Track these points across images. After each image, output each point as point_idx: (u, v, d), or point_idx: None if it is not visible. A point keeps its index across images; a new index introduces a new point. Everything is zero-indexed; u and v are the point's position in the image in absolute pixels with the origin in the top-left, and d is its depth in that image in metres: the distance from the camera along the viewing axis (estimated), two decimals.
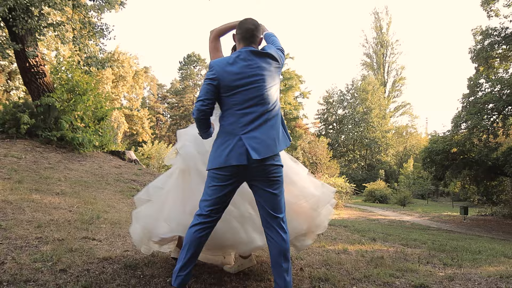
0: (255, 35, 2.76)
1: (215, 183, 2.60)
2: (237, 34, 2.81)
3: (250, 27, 2.77)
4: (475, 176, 19.60)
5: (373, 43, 52.75)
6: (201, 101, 2.58)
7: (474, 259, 4.93)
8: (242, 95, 2.62)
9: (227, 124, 2.62)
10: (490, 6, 18.10)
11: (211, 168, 2.61)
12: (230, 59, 2.66)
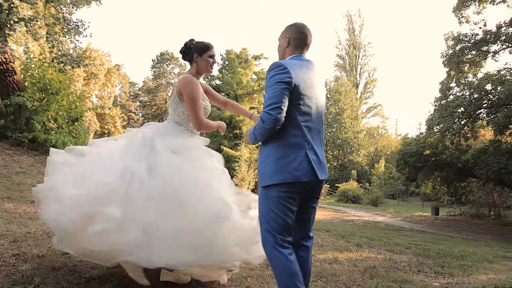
0: (309, 44, 2.63)
1: (285, 202, 2.35)
2: (294, 38, 2.58)
3: (308, 34, 2.62)
4: (446, 178, 20.11)
5: (346, 45, 53.47)
6: (278, 108, 2.27)
7: (461, 265, 4.97)
8: (307, 106, 2.43)
9: (290, 135, 2.37)
10: (461, 12, 18.61)
11: (275, 183, 2.33)
12: (299, 63, 2.47)
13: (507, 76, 16.53)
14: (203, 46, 3.05)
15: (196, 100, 2.91)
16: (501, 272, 4.66)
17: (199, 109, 2.90)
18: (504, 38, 17.60)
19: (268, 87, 2.34)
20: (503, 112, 15.78)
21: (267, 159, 2.41)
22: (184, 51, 3.12)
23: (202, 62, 3.04)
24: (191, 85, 2.92)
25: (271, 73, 2.35)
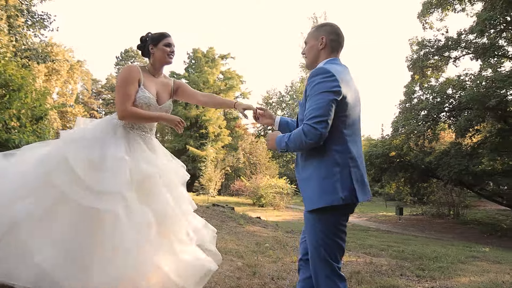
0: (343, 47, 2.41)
1: (337, 225, 2.15)
2: (331, 40, 2.32)
3: (343, 36, 2.39)
4: (410, 178, 20.77)
5: None
6: (325, 122, 2.03)
7: (439, 268, 5.11)
8: (352, 118, 2.21)
9: (334, 151, 2.12)
10: (425, 19, 19.27)
11: (325, 206, 2.09)
12: (341, 69, 2.23)
13: (467, 82, 17.23)
14: (158, 35, 2.82)
15: (121, 86, 2.63)
16: (477, 273, 4.83)
17: (123, 96, 2.60)
18: (464, 45, 18.36)
19: (313, 96, 2.09)
20: (464, 116, 16.48)
21: (311, 180, 2.15)
22: (140, 46, 2.91)
23: (158, 52, 2.78)
24: (122, 71, 2.70)
25: (315, 80, 2.11)
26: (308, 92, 2.14)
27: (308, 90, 2.15)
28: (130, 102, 2.62)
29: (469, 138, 18.10)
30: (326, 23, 2.42)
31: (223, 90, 38.71)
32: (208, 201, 22.28)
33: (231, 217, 8.40)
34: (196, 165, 34.09)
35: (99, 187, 2.36)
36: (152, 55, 2.80)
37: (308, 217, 2.19)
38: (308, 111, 2.08)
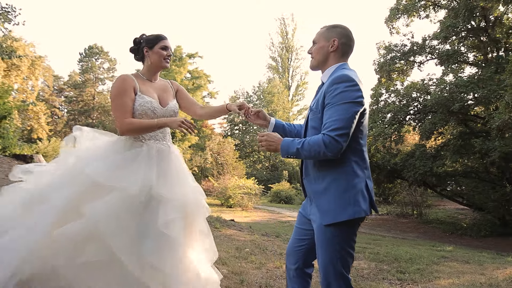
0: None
1: (354, 238, 2.14)
2: (343, 43, 2.24)
3: (354, 41, 2.32)
4: (376, 179, 21.24)
5: (279, 47, 54.52)
6: (347, 136, 1.98)
7: (418, 270, 5.24)
8: (365, 126, 2.16)
9: (352, 162, 2.08)
10: (392, 24, 19.79)
11: (352, 219, 2.04)
12: (357, 75, 2.14)
13: (431, 86, 17.84)
14: (153, 37, 2.66)
15: (115, 99, 2.46)
16: (453, 275, 4.99)
17: (119, 108, 2.43)
18: (429, 50, 19.01)
19: (335, 105, 2.01)
20: (429, 119, 17.06)
21: (329, 192, 2.08)
22: (134, 48, 2.72)
23: (154, 56, 2.62)
24: (115, 83, 2.53)
25: (339, 88, 2.02)
26: (330, 100, 2.05)
27: (329, 97, 2.06)
28: (127, 115, 2.45)
29: (433, 141, 18.76)
30: (338, 24, 2.31)
31: (191, 89, 38.35)
32: None
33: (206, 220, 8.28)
34: None
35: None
36: (147, 58, 2.65)
37: (324, 230, 2.09)
38: (329, 121, 2.00)
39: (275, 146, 2.15)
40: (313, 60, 2.33)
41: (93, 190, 2.25)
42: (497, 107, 14.22)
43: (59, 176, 2.42)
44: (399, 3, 19.08)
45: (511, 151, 12.94)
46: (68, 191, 2.26)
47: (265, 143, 2.17)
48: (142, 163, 2.41)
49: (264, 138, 2.18)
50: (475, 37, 17.96)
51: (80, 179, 2.30)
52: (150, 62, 2.65)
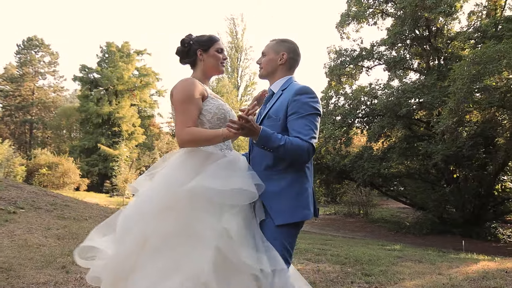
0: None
1: (295, 240, 2.25)
2: (291, 58, 2.40)
3: (301, 56, 2.48)
4: (326, 180, 21.80)
5: (228, 47, 54.37)
6: (315, 143, 2.16)
7: (381, 272, 5.40)
8: None
9: (306, 168, 2.25)
10: (343, 29, 20.38)
11: (296, 222, 2.17)
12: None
13: (378, 90, 18.61)
14: (207, 38, 2.40)
15: (184, 101, 2.17)
16: (414, 276, 5.20)
17: (186, 112, 2.15)
18: (377, 56, 19.80)
19: (305, 115, 2.16)
20: (377, 122, 17.76)
21: (283, 194, 2.15)
22: (183, 50, 2.42)
23: (210, 60, 2.37)
24: (184, 84, 2.22)
25: (302, 98, 2.18)
26: (296, 109, 2.18)
27: (294, 106, 2.18)
28: (190, 123, 2.16)
29: (381, 143, 19.54)
30: (287, 39, 2.45)
31: (139, 87, 37.31)
32: (123, 202, 21.33)
33: None
34: (108, 164, 32.43)
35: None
36: (201, 62, 2.39)
37: (273, 229, 2.13)
38: (306, 130, 2.13)
39: (255, 132, 2.03)
40: (262, 70, 2.46)
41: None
42: (439, 113, 15.06)
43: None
44: (350, 9, 19.69)
45: (452, 154, 13.75)
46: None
47: (246, 131, 2.00)
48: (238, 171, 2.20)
49: (249, 125, 1.97)
50: (419, 45, 18.91)
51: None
52: (204, 67, 2.41)
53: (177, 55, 2.47)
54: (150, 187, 2.15)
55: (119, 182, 24.59)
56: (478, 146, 14.53)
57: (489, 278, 4.43)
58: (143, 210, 2.05)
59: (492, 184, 16.20)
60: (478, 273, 4.88)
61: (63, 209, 8.60)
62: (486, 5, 18.56)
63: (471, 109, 12.82)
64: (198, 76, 2.39)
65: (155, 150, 34.13)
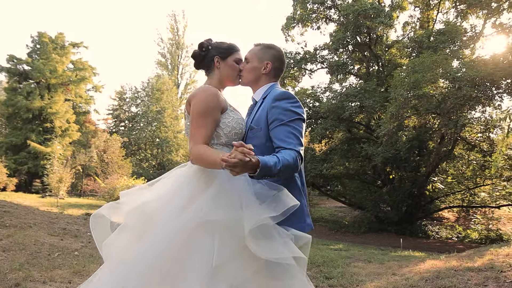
0: None
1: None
2: (275, 67, 2.25)
3: (285, 64, 2.36)
4: None
5: (169, 44, 53.32)
6: (303, 150, 1.98)
7: (340, 274, 5.55)
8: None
9: (297, 178, 2.10)
10: (288, 32, 20.76)
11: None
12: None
13: (319, 93, 19.21)
14: (227, 46, 2.28)
15: (204, 113, 2.01)
16: (371, 277, 5.39)
17: (204, 126, 2.00)
18: (320, 60, 20.40)
19: (288, 122, 1.99)
20: (321, 124, 18.28)
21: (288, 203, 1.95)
22: (200, 54, 2.29)
23: (227, 69, 2.24)
24: (206, 94, 2.08)
25: (282, 104, 2.02)
26: (276, 116, 2.01)
27: (274, 113, 2.03)
28: (205, 140, 2.00)
29: (323, 145, 20.15)
30: (272, 45, 2.31)
31: (74, 81, 35.35)
32: (58, 204, 20.14)
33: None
34: (38, 162, 30.44)
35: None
36: (217, 70, 2.26)
37: None
38: (289, 138, 1.96)
39: (249, 168, 1.70)
40: (243, 78, 2.28)
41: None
42: (379, 117, 15.83)
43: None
44: (295, 13, 20.08)
45: (391, 156, 14.50)
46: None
47: (242, 166, 1.63)
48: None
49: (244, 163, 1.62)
50: (360, 51, 19.75)
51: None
52: (221, 75, 2.26)
53: (193, 58, 2.35)
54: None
55: (52, 182, 23.11)
56: (414, 149, 15.46)
57: (442, 277, 4.70)
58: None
59: (424, 185, 17.31)
60: (431, 272, 5.16)
61: (2, 216, 7.85)
62: (420, 17, 19.83)
63: (410, 115, 13.60)
64: (214, 84, 2.24)
65: (92, 148, 32.55)
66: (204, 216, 1.82)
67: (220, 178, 1.95)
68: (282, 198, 1.88)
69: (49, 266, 4.74)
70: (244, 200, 1.87)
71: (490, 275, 4.50)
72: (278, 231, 1.88)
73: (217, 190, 1.92)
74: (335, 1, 19.69)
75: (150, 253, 1.82)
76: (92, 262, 4.98)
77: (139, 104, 47.45)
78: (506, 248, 6.06)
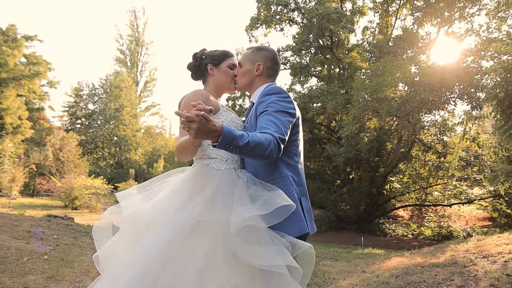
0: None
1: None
2: (268, 68, 2.22)
3: (280, 63, 2.34)
4: None
5: (128, 41, 52.12)
6: (283, 141, 1.85)
7: (312, 272, 5.69)
8: (300, 142, 2.13)
9: (301, 180, 2.07)
10: (252, 32, 20.88)
11: (300, 234, 1.94)
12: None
13: None
14: (219, 53, 2.27)
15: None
16: (343, 275, 5.58)
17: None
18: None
19: (270, 113, 1.93)
20: None
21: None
22: (194, 65, 2.29)
23: (220, 75, 2.24)
24: (194, 94, 2.06)
25: (269, 98, 1.99)
26: (263, 109, 1.97)
27: (261, 106, 2.00)
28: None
29: None
30: (263, 47, 2.33)
31: (27, 76, 33.76)
32: (10, 204, 19.23)
33: (81, 231, 7.49)
34: None
35: None
36: (211, 77, 2.25)
37: None
38: (270, 124, 1.88)
39: (209, 130, 1.62)
40: (238, 83, 2.28)
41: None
42: (341, 118, 16.27)
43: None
44: (260, 14, 20.22)
45: (352, 156, 14.95)
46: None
47: (198, 124, 1.57)
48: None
49: (202, 116, 1.56)
50: (322, 54, 20.18)
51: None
52: (215, 82, 2.25)
53: (189, 70, 2.33)
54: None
55: (4, 182, 22.02)
56: (374, 150, 16.01)
57: (411, 273, 4.94)
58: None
59: (383, 184, 17.96)
60: (399, 269, 5.41)
61: None
62: (379, 22, 20.54)
63: (371, 117, 14.08)
64: (209, 91, 2.23)
65: (47, 146, 31.21)
66: (197, 217, 1.79)
67: (217, 181, 1.94)
68: (274, 198, 1.82)
69: (20, 271, 4.55)
70: (236, 201, 1.83)
71: (455, 270, 4.78)
72: (272, 237, 1.82)
73: (213, 192, 1.90)
74: (299, 3, 20.04)
75: (147, 258, 1.77)
76: (64, 266, 4.83)
77: (97, 101, 46.04)
78: (465, 244, 6.43)
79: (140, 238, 1.90)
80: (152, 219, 1.92)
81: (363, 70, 16.31)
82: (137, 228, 1.95)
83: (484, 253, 5.54)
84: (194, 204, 1.86)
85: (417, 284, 4.49)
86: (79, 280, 4.37)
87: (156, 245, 1.80)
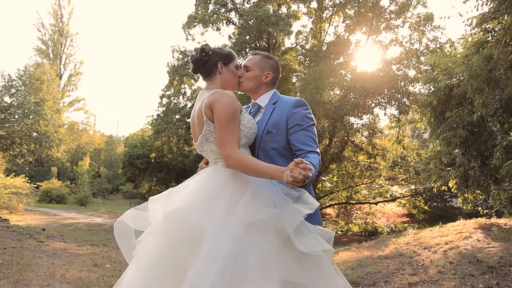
0: None
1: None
2: (275, 78, 2.44)
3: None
4: (164, 179, 21.71)
5: (51, 30, 48.76)
6: (318, 147, 2.22)
7: None
8: None
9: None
10: (189, 30, 20.62)
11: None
12: None
13: None
14: (228, 53, 2.33)
15: (231, 118, 2.05)
16: None
17: (233, 130, 2.07)
18: None
19: (306, 127, 2.23)
20: None
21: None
22: (201, 59, 2.28)
23: (228, 75, 2.30)
24: (227, 98, 2.08)
25: (301, 111, 2.26)
26: (297, 122, 2.22)
27: (294, 119, 2.23)
28: (237, 141, 2.08)
29: None
30: (271, 56, 2.48)
31: None
32: None
33: (23, 233, 6.94)
34: None
35: None
36: (220, 75, 2.28)
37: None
38: (309, 141, 2.20)
39: (304, 171, 1.82)
40: (243, 84, 2.40)
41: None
42: None
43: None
44: (197, 12, 20.05)
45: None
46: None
47: (302, 181, 1.80)
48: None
49: (299, 172, 1.78)
50: None
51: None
52: (222, 80, 2.28)
53: (193, 63, 2.33)
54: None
55: None
56: None
57: (365, 265, 5.27)
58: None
59: (315, 184, 18.70)
60: (352, 262, 5.73)
61: None
62: (312, 27, 21.35)
63: None
64: (218, 87, 2.28)
65: None
66: (253, 215, 1.92)
67: (252, 181, 2.07)
68: (308, 198, 2.00)
69: None
70: (275, 200, 1.99)
71: (404, 261, 5.20)
72: (307, 227, 2.02)
73: (252, 192, 2.02)
74: (236, 4, 20.18)
75: (221, 255, 1.81)
76: (24, 271, 4.46)
77: (14, 93, 42.36)
78: (404, 238, 6.99)
79: (192, 244, 1.91)
80: (198, 223, 1.93)
81: (304, 75, 16.83)
82: (184, 232, 1.95)
83: (424, 244, 6.06)
84: (242, 204, 1.97)
85: (373, 274, 4.81)
86: (48, 284, 4.11)
87: (219, 248, 1.83)
